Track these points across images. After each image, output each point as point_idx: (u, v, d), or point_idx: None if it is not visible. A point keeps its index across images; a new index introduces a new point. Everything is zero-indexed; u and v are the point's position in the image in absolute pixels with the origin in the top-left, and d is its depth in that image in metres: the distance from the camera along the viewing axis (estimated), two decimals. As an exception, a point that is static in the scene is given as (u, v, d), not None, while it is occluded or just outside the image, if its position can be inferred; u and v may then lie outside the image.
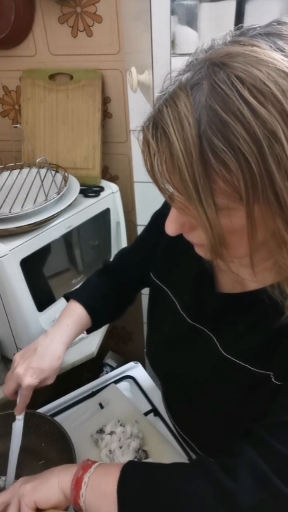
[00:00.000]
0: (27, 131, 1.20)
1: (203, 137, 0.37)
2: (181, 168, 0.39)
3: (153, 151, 0.41)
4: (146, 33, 0.67)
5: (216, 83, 0.37)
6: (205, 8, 1.00)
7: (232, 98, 0.36)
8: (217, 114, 0.36)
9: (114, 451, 0.77)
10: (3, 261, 0.86)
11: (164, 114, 0.40)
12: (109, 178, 1.30)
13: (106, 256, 1.24)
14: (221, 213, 0.41)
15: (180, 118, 0.38)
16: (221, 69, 0.37)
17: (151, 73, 0.70)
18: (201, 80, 0.38)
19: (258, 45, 0.38)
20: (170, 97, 0.40)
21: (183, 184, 0.39)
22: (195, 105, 0.38)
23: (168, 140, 0.39)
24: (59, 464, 0.74)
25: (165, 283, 0.72)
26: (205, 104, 0.37)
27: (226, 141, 0.36)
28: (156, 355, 0.74)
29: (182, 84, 0.40)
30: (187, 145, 0.38)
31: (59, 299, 1.07)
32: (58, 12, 1.09)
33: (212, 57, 0.39)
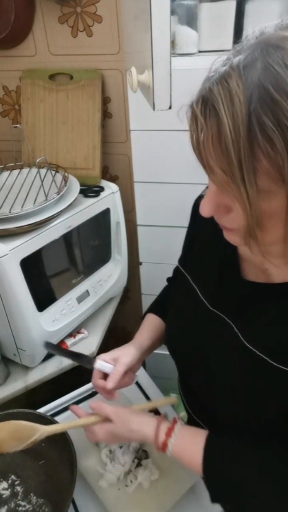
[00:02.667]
0: (27, 131, 1.20)
1: (253, 114, 0.38)
2: (227, 145, 0.39)
3: (201, 127, 0.41)
4: (146, 33, 0.67)
5: (270, 63, 0.38)
6: (205, 8, 1.01)
7: (285, 78, 0.37)
8: (269, 92, 0.37)
9: (114, 451, 0.77)
10: (3, 261, 0.86)
11: (214, 92, 0.40)
12: (109, 178, 1.30)
13: (106, 256, 1.24)
14: (261, 195, 0.41)
15: (231, 96, 0.39)
16: (276, 51, 0.38)
17: (151, 73, 0.69)
18: (254, 60, 0.39)
19: None
20: (221, 76, 0.40)
21: (228, 161, 0.40)
22: (247, 84, 0.38)
23: (218, 116, 0.39)
24: (59, 464, 0.75)
25: (187, 270, 0.74)
26: (257, 83, 0.38)
27: (276, 119, 0.37)
28: (175, 339, 0.75)
29: (234, 65, 0.40)
30: (236, 122, 0.38)
31: (59, 299, 1.07)
32: (58, 12, 1.09)
33: (266, 39, 0.40)
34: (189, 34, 1.03)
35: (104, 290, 1.21)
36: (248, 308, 0.60)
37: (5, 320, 0.96)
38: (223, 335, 0.63)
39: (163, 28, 0.66)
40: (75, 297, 1.11)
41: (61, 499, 0.70)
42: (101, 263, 1.22)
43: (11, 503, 0.73)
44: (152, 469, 0.75)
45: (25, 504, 0.73)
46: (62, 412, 0.90)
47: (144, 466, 0.76)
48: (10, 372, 1.06)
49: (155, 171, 1.20)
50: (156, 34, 0.66)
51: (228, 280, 0.64)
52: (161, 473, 0.75)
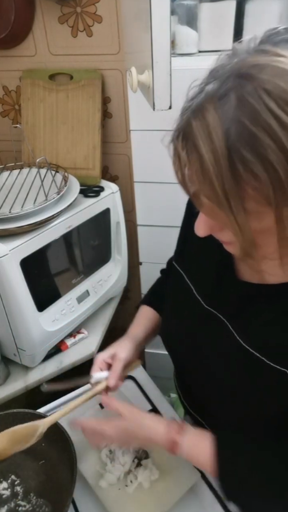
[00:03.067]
0: (27, 131, 1.20)
1: (232, 149, 0.38)
2: (211, 178, 0.40)
3: (184, 163, 0.43)
4: (146, 33, 0.67)
5: (243, 96, 0.38)
6: (205, 8, 1.01)
7: (260, 111, 0.37)
8: (246, 127, 0.37)
9: (114, 451, 0.77)
10: (3, 261, 0.86)
11: (193, 127, 0.41)
12: (109, 178, 1.30)
13: (106, 256, 1.24)
14: (250, 216, 0.42)
15: (209, 131, 0.39)
16: (248, 81, 0.38)
17: (151, 73, 0.69)
18: (228, 92, 0.39)
19: (283, 55, 0.38)
20: (198, 109, 0.41)
21: (214, 192, 0.41)
22: (223, 118, 0.39)
23: (198, 152, 0.40)
24: (59, 464, 0.75)
25: (182, 268, 0.74)
26: (233, 117, 0.38)
27: (255, 153, 0.37)
28: (171, 337, 0.76)
29: (209, 96, 0.40)
30: (217, 157, 0.39)
31: (59, 299, 1.07)
32: (58, 12, 1.09)
33: (239, 67, 0.40)
34: (189, 34, 1.03)
35: (104, 290, 1.21)
36: (243, 308, 0.61)
37: (5, 320, 0.96)
38: (219, 334, 0.64)
39: (163, 28, 0.66)
40: (75, 297, 1.11)
41: (61, 499, 0.70)
42: (101, 263, 1.22)
43: (11, 503, 0.73)
44: (152, 469, 0.75)
45: (25, 504, 0.73)
46: (62, 412, 0.90)
47: (144, 466, 0.76)
48: (10, 372, 1.06)
49: (155, 171, 1.20)
50: (156, 34, 0.66)
51: (223, 280, 0.64)
52: (161, 473, 0.75)
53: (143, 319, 0.87)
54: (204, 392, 0.69)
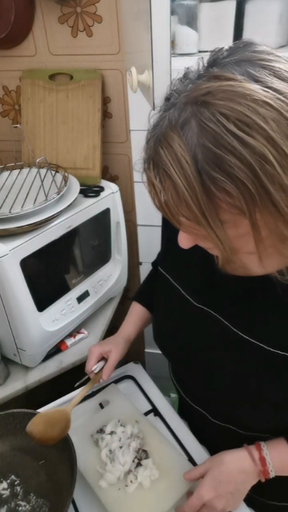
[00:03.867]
0: (27, 131, 1.20)
1: (202, 172, 0.41)
2: (187, 201, 0.43)
3: (159, 190, 0.46)
4: (146, 33, 0.67)
5: (204, 122, 0.40)
6: (205, 8, 1.01)
7: (221, 134, 0.39)
8: (211, 150, 0.40)
9: (114, 451, 0.77)
10: (3, 261, 0.86)
11: (162, 156, 0.44)
12: (109, 178, 1.30)
13: (106, 256, 1.24)
14: (227, 226, 0.45)
15: (178, 158, 0.42)
16: (205, 108, 0.41)
17: (151, 73, 0.70)
18: (188, 119, 0.42)
19: (233, 78, 0.41)
20: (163, 138, 0.44)
21: (191, 213, 0.44)
22: (188, 145, 0.41)
23: (171, 179, 0.43)
24: (59, 464, 0.75)
25: (167, 271, 0.77)
26: (197, 143, 0.41)
27: (224, 172, 0.40)
28: (165, 337, 0.78)
29: (172, 125, 0.43)
30: (189, 181, 0.42)
31: (59, 299, 1.07)
32: (58, 12, 1.09)
33: (194, 95, 0.42)
34: (189, 34, 1.03)
35: (104, 290, 1.21)
36: (234, 300, 0.64)
37: (5, 320, 0.96)
38: (213, 329, 0.66)
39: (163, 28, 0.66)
40: (75, 297, 1.11)
41: (61, 499, 0.70)
42: (101, 263, 1.22)
43: (11, 503, 0.73)
44: (152, 469, 0.75)
45: (25, 504, 0.73)
46: (62, 412, 0.90)
47: (144, 466, 0.76)
48: (10, 372, 1.06)
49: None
50: (156, 34, 0.66)
51: (209, 276, 0.66)
52: (161, 473, 0.75)
53: (135, 317, 0.94)
54: (205, 386, 0.70)
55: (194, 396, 0.79)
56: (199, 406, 0.77)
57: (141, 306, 0.95)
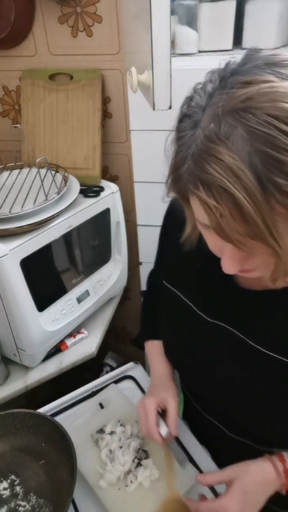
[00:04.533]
0: (27, 131, 1.20)
1: (264, 179, 0.38)
2: (250, 214, 0.39)
3: (215, 209, 0.41)
4: (146, 33, 0.67)
5: (253, 127, 0.38)
6: (205, 8, 1.00)
7: (276, 136, 0.37)
8: (269, 154, 0.37)
9: (114, 451, 0.77)
10: (3, 261, 0.86)
11: (213, 173, 0.40)
12: (109, 178, 1.30)
13: (106, 256, 1.24)
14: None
15: (233, 171, 0.39)
16: (250, 113, 0.38)
17: (151, 73, 0.69)
18: (233, 129, 0.39)
19: (269, 80, 0.39)
20: (206, 154, 0.40)
21: (250, 227, 0.40)
22: (241, 154, 0.38)
23: (230, 194, 0.39)
24: (59, 464, 0.75)
25: (176, 287, 0.74)
26: (251, 150, 0.38)
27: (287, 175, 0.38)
28: (176, 352, 0.77)
29: (212, 139, 0.40)
30: (250, 192, 0.39)
31: (59, 299, 1.07)
32: (58, 12, 1.09)
33: (231, 104, 0.40)
34: (189, 34, 1.03)
35: (104, 290, 1.21)
36: (251, 315, 0.62)
37: (5, 320, 0.96)
38: (228, 343, 0.65)
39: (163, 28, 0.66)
40: (75, 297, 1.11)
41: (61, 499, 0.70)
42: (101, 263, 1.22)
43: (11, 503, 0.73)
44: (152, 469, 0.75)
45: (25, 504, 0.73)
46: (62, 412, 0.90)
47: (144, 466, 0.76)
48: (10, 372, 1.06)
49: (155, 171, 1.20)
50: (156, 34, 0.66)
51: (224, 290, 0.65)
52: (161, 473, 0.75)
53: (159, 357, 0.84)
54: (222, 400, 0.69)
55: (209, 409, 0.78)
56: (214, 419, 0.76)
57: (155, 342, 0.87)
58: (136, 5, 0.78)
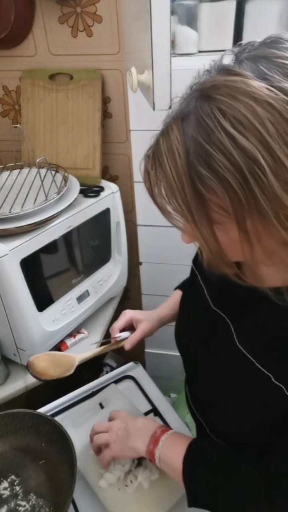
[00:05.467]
0: (27, 131, 1.20)
1: (191, 167, 0.41)
2: (175, 194, 0.43)
3: (153, 179, 0.46)
4: (146, 33, 0.67)
5: (201, 116, 0.40)
6: (205, 8, 1.01)
7: (214, 130, 0.39)
8: (201, 145, 0.40)
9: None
10: (3, 261, 0.86)
11: (160, 145, 0.44)
12: (109, 178, 1.30)
13: (106, 256, 1.24)
14: (217, 228, 0.44)
15: (172, 150, 0.42)
16: (206, 102, 0.40)
17: (151, 73, 0.69)
18: (190, 112, 0.42)
19: (242, 74, 0.40)
20: (166, 128, 0.44)
21: (179, 207, 0.44)
22: (184, 137, 0.41)
23: (163, 169, 0.43)
24: (59, 464, 0.75)
25: (198, 269, 0.76)
26: (191, 137, 0.41)
27: (211, 170, 0.39)
28: (180, 333, 0.78)
29: (175, 117, 0.44)
30: (179, 174, 0.42)
31: (59, 299, 1.07)
32: (58, 12, 1.09)
33: (201, 88, 0.42)
34: (189, 34, 1.03)
35: (104, 290, 1.21)
36: (243, 310, 0.62)
37: (5, 320, 0.96)
38: (221, 334, 0.65)
39: (163, 28, 0.66)
40: (75, 297, 1.11)
41: (61, 499, 0.70)
42: (101, 263, 1.22)
43: (11, 503, 0.73)
44: (152, 469, 0.75)
45: (25, 504, 0.73)
46: (62, 412, 0.90)
47: (144, 466, 0.76)
48: (10, 372, 1.06)
49: (155, 171, 1.20)
50: (156, 34, 0.66)
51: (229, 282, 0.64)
52: (161, 473, 0.75)
53: (173, 302, 0.91)
54: (206, 394, 0.69)
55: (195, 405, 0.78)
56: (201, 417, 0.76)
57: (180, 293, 0.90)
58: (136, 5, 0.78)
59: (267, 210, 0.39)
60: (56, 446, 0.76)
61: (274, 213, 0.39)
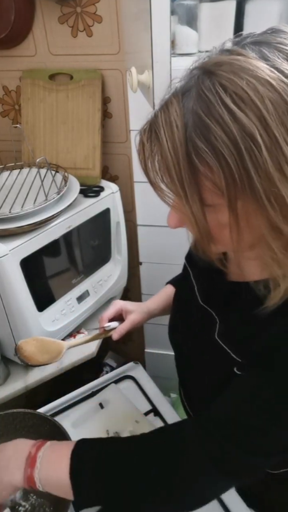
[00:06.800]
0: (27, 131, 1.20)
1: (189, 140, 0.41)
2: (169, 168, 0.43)
3: (147, 152, 0.46)
4: (146, 33, 0.67)
5: (202, 90, 0.40)
6: (205, 8, 1.01)
7: (214, 104, 0.39)
8: (201, 118, 0.40)
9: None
10: (3, 261, 0.86)
11: (158, 118, 0.44)
12: (109, 178, 1.30)
13: (106, 256, 1.24)
14: (208, 209, 0.44)
15: (170, 122, 0.42)
16: (208, 77, 0.41)
17: (151, 73, 0.70)
18: (191, 87, 0.42)
19: (244, 54, 0.41)
20: (165, 103, 0.44)
21: (172, 182, 0.44)
22: (184, 111, 0.42)
23: (159, 142, 0.43)
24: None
25: (190, 265, 0.77)
26: (191, 110, 0.41)
27: (208, 143, 0.40)
28: (171, 328, 0.78)
29: (176, 91, 0.44)
30: (175, 147, 0.42)
31: (59, 299, 1.07)
32: (58, 12, 1.09)
33: (203, 65, 0.43)
34: (189, 34, 1.03)
35: (104, 290, 1.21)
36: (227, 305, 0.62)
37: (5, 320, 0.96)
38: (207, 329, 0.65)
39: (163, 28, 0.66)
40: (75, 297, 1.11)
41: (61, 499, 0.70)
42: (101, 263, 1.23)
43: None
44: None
45: (25, 504, 0.73)
46: (62, 412, 0.90)
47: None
48: (10, 372, 1.06)
49: (155, 171, 1.20)
50: (156, 34, 0.66)
51: (216, 278, 0.66)
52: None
53: (163, 296, 0.92)
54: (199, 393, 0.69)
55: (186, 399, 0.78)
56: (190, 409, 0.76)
57: (172, 288, 0.92)
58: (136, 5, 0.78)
59: (258, 188, 0.39)
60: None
61: (265, 192, 0.40)
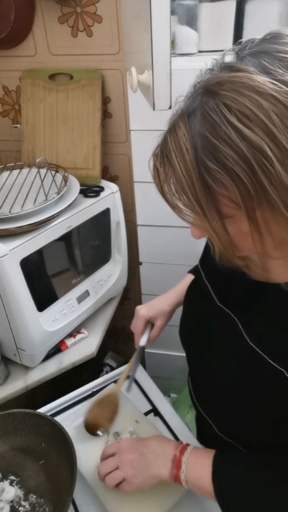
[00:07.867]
0: (27, 131, 1.20)
1: (200, 162, 0.42)
2: (185, 189, 0.44)
3: (162, 176, 0.48)
4: (146, 33, 0.67)
5: (207, 111, 0.41)
6: (205, 8, 1.01)
7: (220, 124, 0.40)
8: (208, 140, 0.41)
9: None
10: (3, 261, 0.86)
11: (168, 143, 0.45)
12: (109, 178, 1.30)
13: (106, 256, 1.24)
14: (228, 221, 0.45)
15: (180, 146, 0.43)
16: (212, 98, 0.41)
17: (151, 73, 0.70)
18: (195, 109, 0.43)
19: (244, 69, 0.41)
20: (172, 126, 0.45)
21: (189, 202, 0.45)
22: (191, 133, 0.43)
23: (172, 166, 0.45)
24: (59, 464, 0.75)
25: (203, 268, 0.77)
26: (198, 132, 0.42)
27: (219, 163, 0.40)
28: (185, 329, 0.79)
29: (182, 113, 0.45)
30: (188, 169, 0.43)
31: (59, 299, 1.07)
32: (58, 12, 1.09)
33: (205, 85, 0.43)
34: (189, 34, 1.03)
35: (104, 290, 1.21)
36: (251, 307, 0.62)
37: (5, 320, 0.96)
38: (228, 331, 0.65)
39: (163, 28, 0.66)
40: (75, 297, 1.11)
41: (61, 499, 0.70)
42: (101, 263, 1.22)
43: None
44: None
45: (25, 504, 0.73)
46: (62, 412, 0.90)
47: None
48: (10, 372, 1.06)
49: (155, 171, 1.20)
50: (156, 34, 0.66)
51: (235, 278, 0.65)
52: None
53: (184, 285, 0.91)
54: (210, 389, 0.69)
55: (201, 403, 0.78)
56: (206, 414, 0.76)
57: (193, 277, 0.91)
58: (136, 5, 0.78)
59: (275, 199, 0.40)
60: (56, 446, 0.76)
61: (282, 202, 0.40)
